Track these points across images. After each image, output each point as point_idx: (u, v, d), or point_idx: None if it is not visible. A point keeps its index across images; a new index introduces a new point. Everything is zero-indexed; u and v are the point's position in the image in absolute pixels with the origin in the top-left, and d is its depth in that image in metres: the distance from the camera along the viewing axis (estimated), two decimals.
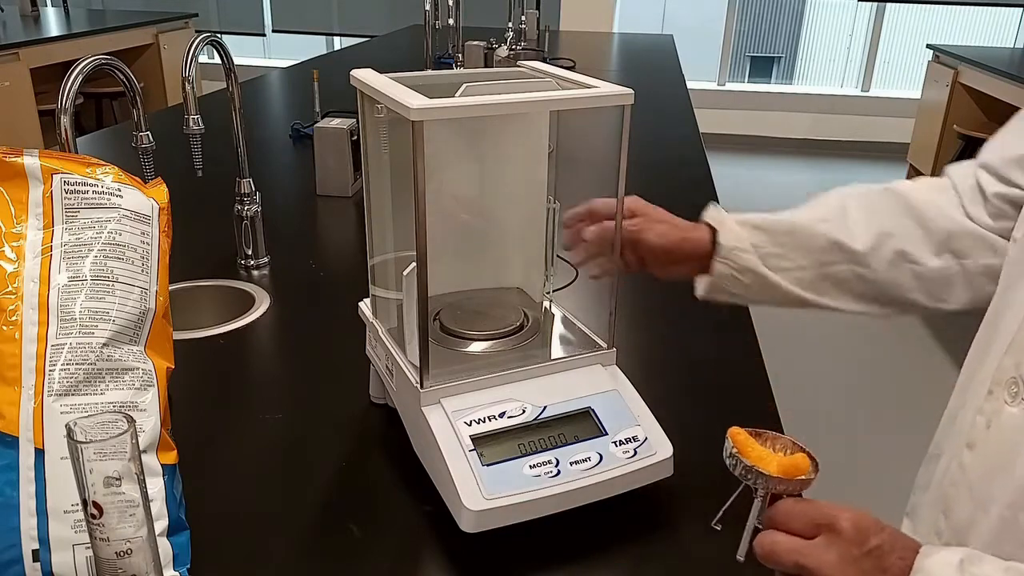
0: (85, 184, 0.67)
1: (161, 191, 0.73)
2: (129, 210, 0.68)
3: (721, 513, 0.59)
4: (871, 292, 0.82)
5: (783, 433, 0.63)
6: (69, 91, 0.95)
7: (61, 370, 0.61)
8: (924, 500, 0.69)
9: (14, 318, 0.61)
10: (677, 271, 0.86)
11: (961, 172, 0.83)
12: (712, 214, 0.87)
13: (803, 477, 0.57)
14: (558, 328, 0.85)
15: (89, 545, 0.52)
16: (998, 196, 0.77)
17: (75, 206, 0.66)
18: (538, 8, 3.96)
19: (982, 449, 0.60)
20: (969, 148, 3.86)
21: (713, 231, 0.84)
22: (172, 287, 0.95)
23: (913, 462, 0.84)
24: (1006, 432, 0.58)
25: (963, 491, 0.61)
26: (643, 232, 0.84)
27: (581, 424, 0.73)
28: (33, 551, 0.58)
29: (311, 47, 6.07)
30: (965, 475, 0.61)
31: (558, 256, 0.88)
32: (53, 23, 4.80)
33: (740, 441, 0.58)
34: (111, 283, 0.65)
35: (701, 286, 0.86)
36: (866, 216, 0.82)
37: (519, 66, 0.85)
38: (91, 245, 0.66)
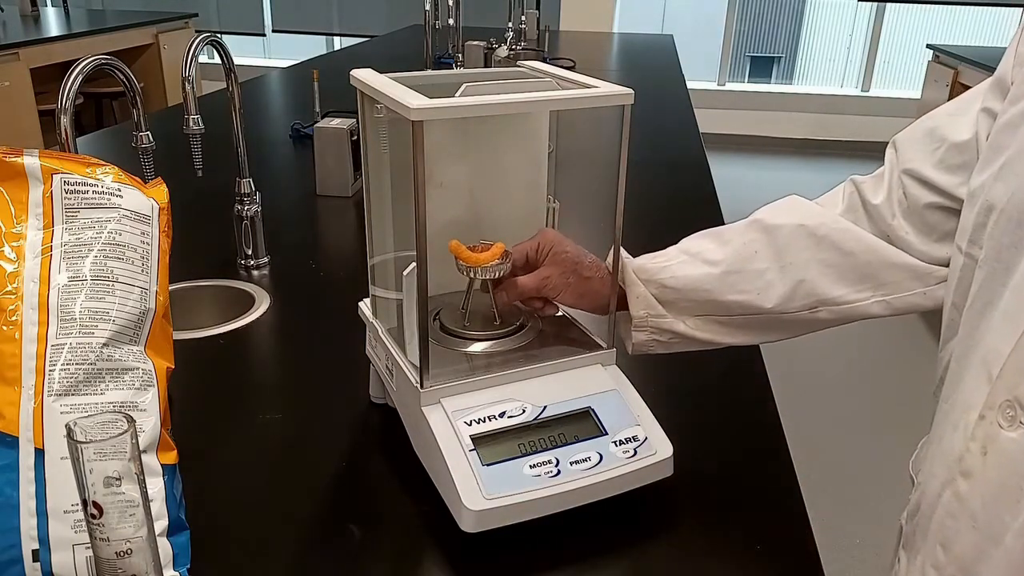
0: (85, 184, 0.67)
1: (161, 191, 0.73)
2: (129, 210, 0.68)
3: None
4: (793, 328, 0.79)
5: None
6: (69, 91, 0.95)
7: (61, 370, 0.61)
8: (917, 531, 0.67)
9: (14, 318, 0.61)
10: (596, 312, 0.83)
11: (873, 184, 0.77)
12: (628, 282, 0.82)
13: (497, 262, 0.77)
14: (558, 328, 0.85)
15: (89, 545, 0.52)
16: (931, 207, 0.71)
17: (75, 206, 0.66)
18: (538, 8, 3.96)
19: (981, 477, 0.57)
20: None
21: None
22: (172, 287, 0.95)
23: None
24: (1007, 459, 0.55)
25: (964, 523, 0.58)
26: (557, 290, 0.80)
27: (581, 424, 0.73)
28: (33, 551, 0.58)
29: (311, 47, 6.08)
30: (964, 506, 0.58)
31: None
32: (53, 23, 4.80)
33: (460, 251, 0.77)
34: (111, 283, 0.65)
35: (628, 348, 0.84)
36: (776, 266, 0.76)
37: (519, 66, 0.85)
38: (91, 245, 0.66)
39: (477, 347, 0.80)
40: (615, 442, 0.73)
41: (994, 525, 0.56)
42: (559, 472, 0.70)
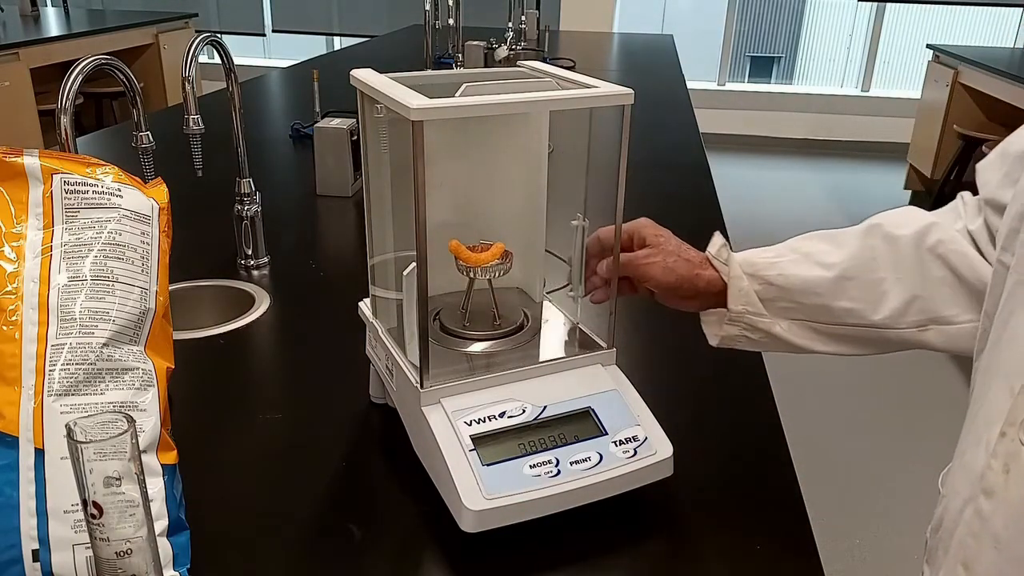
0: (85, 184, 0.67)
1: (161, 191, 0.73)
2: (129, 210, 0.68)
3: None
4: (890, 345, 0.77)
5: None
6: (69, 91, 0.95)
7: (61, 370, 0.61)
8: (939, 547, 0.65)
9: (14, 318, 0.61)
10: (686, 306, 0.81)
11: (974, 208, 0.75)
12: (719, 260, 0.80)
13: (497, 262, 0.78)
14: (558, 328, 0.85)
15: (89, 545, 0.52)
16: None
17: (75, 206, 0.66)
18: (538, 8, 3.96)
19: (1003, 497, 0.55)
20: (969, 148, 3.86)
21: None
22: (172, 287, 0.95)
23: (912, 462, 0.84)
24: None
25: (986, 543, 0.56)
26: (650, 267, 0.79)
27: (581, 424, 0.73)
28: (33, 551, 0.58)
29: (311, 47, 6.08)
30: (986, 525, 0.56)
31: (556, 256, 0.88)
32: (53, 23, 4.80)
33: (460, 251, 0.78)
34: (111, 283, 0.65)
35: (713, 339, 0.82)
36: (894, 276, 0.74)
37: (519, 66, 0.85)
38: (91, 245, 0.66)
39: (477, 347, 0.80)
40: (615, 442, 0.73)
41: (1016, 547, 0.54)
42: (559, 472, 0.70)
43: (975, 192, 0.77)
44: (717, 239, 0.81)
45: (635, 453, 0.73)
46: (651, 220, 0.83)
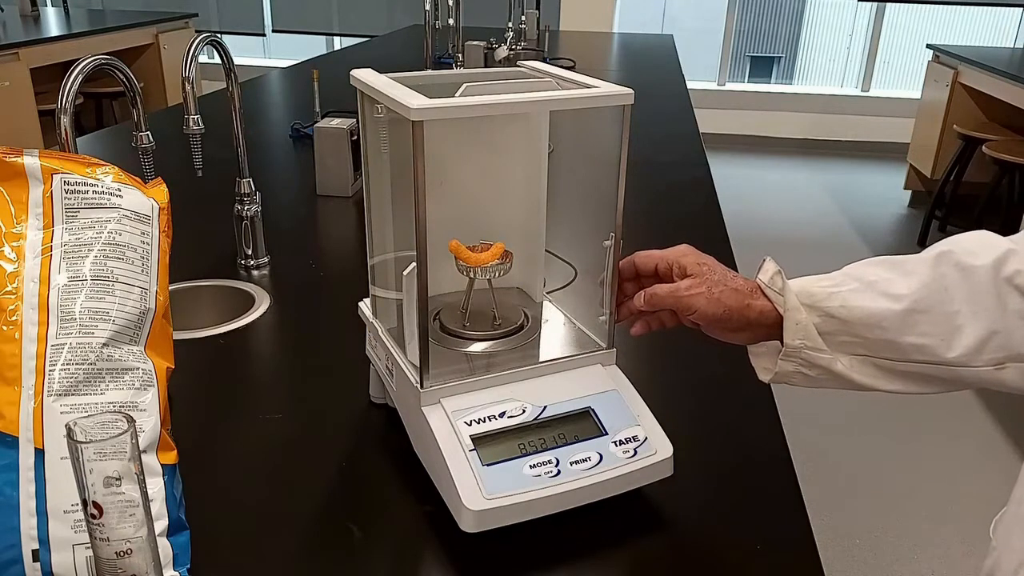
0: (85, 184, 0.67)
1: (161, 191, 0.73)
2: (129, 210, 0.68)
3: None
4: (962, 384, 0.70)
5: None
6: (69, 91, 0.95)
7: (61, 370, 0.61)
8: (1005, 566, 0.61)
9: (14, 318, 0.61)
10: (735, 338, 0.75)
11: None
12: (772, 288, 0.73)
13: (497, 262, 0.78)
14: (558, 328, 0.85)
15: (89, 545, 0.52)
16: None
17: (75, 206, 0.66)
18: (538, 8, 3.96)
19: None
20: (969, 148, 3.86)
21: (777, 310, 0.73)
22: (172, 287, 0.95)
23: (912, 462, 0.84)
24: None
25: None
26: (694, 298, 0.72)
27: (581, 424, 0.73)
28: (33, 551, 0.58)
29: (311, 47, 6.07)
30: None
31: (556, 256, 0.88)
32: (53, 23, 4.80)
33: (460, 251, 0.77)
34: (111, 283, 0.65)
35: (764, 375, 0.76)
36: (969, 310, 0.67)
37: (519, 66, 0.85)
38: (91, 245, 0.66)
39: (477, 347, 0.80)
40: (615, 442, 0.73)
41: None
42: (559, 472, 0.70)
43: (975, 192, 0.76)
44: (770, 265, 0.74)
45: (635, 453, 0.73)
46: (692, 247, 0.77)
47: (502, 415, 0.72)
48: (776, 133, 5.81)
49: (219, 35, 1.23)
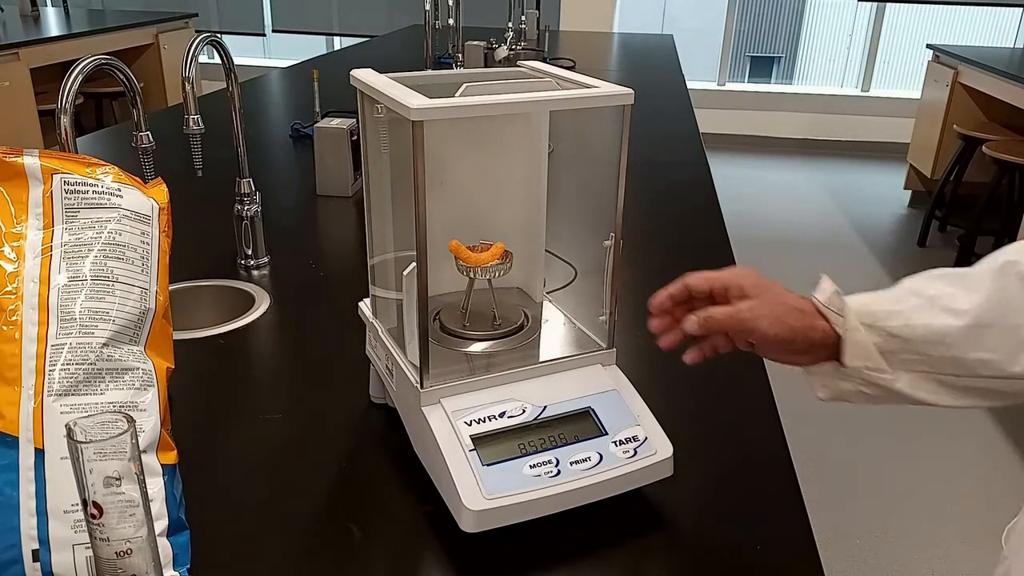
0: (85, 184, 0.67)
1: (161, 191, 0.73)
2: (129, 210, 0.68)
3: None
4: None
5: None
6: (69, 91, 0.95)
7: (61, 370, 0.61)
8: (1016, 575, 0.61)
9: (14, 318, 0.61)
10: (795, 360, 0.73)
11: None
12: (832, 309, 0.71)
13: (497, 262, 0.78)
14: (558, 328, 0.85)
15: (89, 545, 0.52)
16: None
17: (75, 206, 0.66)
18: (538, 8, 3.96)
19: None
20: (969, 148, 3.86)
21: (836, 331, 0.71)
22: (172, 287, 0.95)
23: (912, 462, 0.84)
24: None
25: None
26: (757, 320, 0.69)
27: (581, 424, 0.73)
28: (33, 551, 0.58)
29: (311, 47, 6.08)
30: None
31: (556, 256, 0.88)
32: (53, 23, 4.80)
33: (460, 251, 0.78)
34: (111, 283, 0.65)
35: (822, 393, 0.74)
36: None
37: (519, 66, 0.85)
38: (91, 245, 0.66)
39: (477, 347, 0.80)
40: (615, 442, 0.73)
41: None
42: (559, 472, 0.70)
43: (975, 192, 0.76)
44: (827, 284, 0.72)
45: (635, 453, 0.73)
46: (752, 270, 0.73)
47: (502, 415, 0.72)
48: (776, 133, 5.81)
49: (219, 35, 1.23)
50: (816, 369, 0.73)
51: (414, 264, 0.69)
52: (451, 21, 2.93)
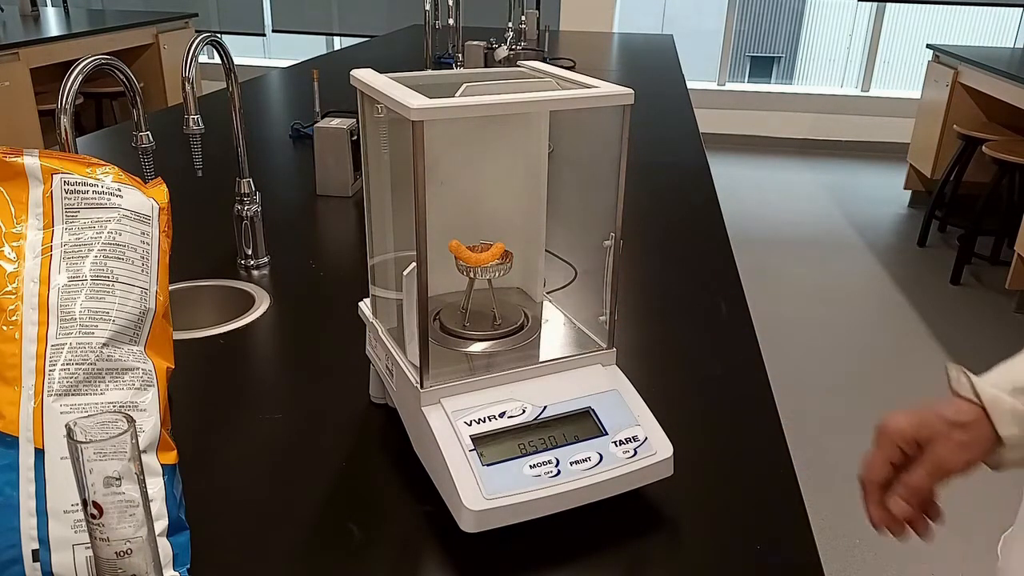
0: (85, 184, 0.67)
1: (161, 191, 0.73)
2: (129, 210, 0.68)
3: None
4: None
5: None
6: (69, 91, 0.95)
7: (61, 370, 0.61)
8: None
9: (14, 318, 0.61)
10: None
11: None
12: (986, 399, 0.70)
13: (497, 262, 0.78)
14: (558, 328, 0.85)
15: (89, 545, 0.52)
16: None
17: (75, 206, 0.66)
18: (538, 8, 3.96)
19: None
20: (969, 148, 3.86)
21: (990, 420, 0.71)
22: (172, 287, 0.95)
23: None
24: None
25: None
26: (960, 464, 0.70)
27: (581, 424, 0.73)
28: (33, 551, 0.58)
29: (311, 47, 6.08)
30: None
31: (556, 256, 0.88)
32: (53, 23, 4.80)
33: (460, 251, 0.78)
34: (111, 283, 0.65)
35: (991, 465, 0.74)
36: None
37: (519, 66, 0.85)
38: (91, 245, 0.66)
39: (477, 347, 0.80)
40: (615, 442, 0.73)
41: None
42: (559, 472, 0.70)
43: (975, 192, 0.76)
44: (959, 375, 0.73)
45: (635, 453, 0.73)
46: (906, 414, 0.73)
47: (502, 415, 0.72)
48: (776, 133, 5.81)
49: (219, 35, 1.23)
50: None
51: (414, 264, 0.69)
52: (451, 21, 2.93)
